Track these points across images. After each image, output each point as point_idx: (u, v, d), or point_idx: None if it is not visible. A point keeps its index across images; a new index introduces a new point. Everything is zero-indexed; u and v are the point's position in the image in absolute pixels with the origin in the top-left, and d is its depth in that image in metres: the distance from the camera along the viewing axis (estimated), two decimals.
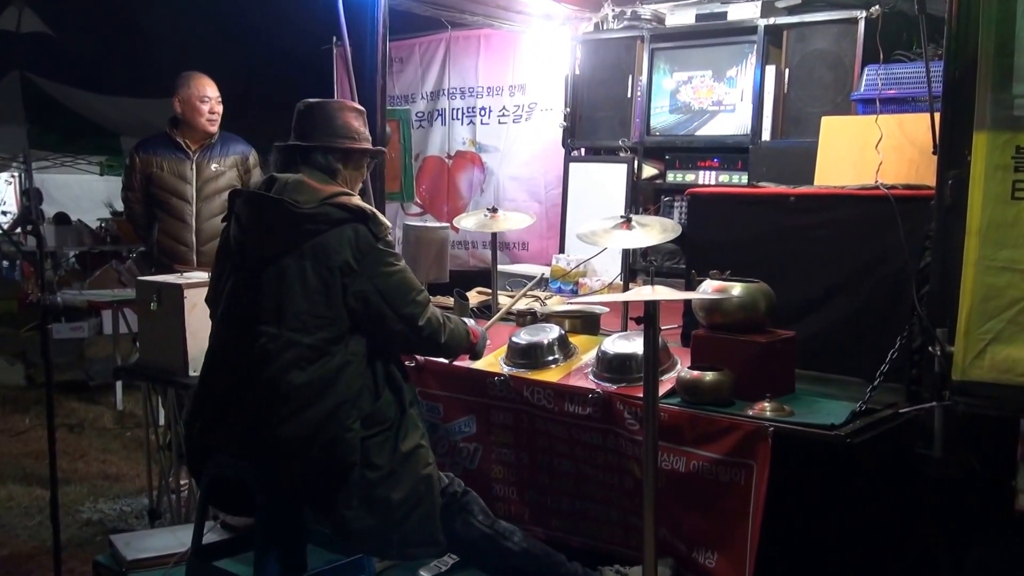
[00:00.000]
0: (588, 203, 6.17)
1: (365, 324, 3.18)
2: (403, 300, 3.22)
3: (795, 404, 3.30)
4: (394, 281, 3.21)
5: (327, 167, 3.35)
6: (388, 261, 3.21)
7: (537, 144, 6.85)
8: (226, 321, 3.28)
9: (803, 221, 3.72)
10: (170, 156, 5.68)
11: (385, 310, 3.18)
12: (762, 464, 3.12)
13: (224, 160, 5.75)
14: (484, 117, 7.15)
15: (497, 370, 3.88)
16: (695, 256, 4.00)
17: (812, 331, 3.62)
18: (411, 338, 3.27)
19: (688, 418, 3.31)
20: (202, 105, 5.64)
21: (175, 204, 5.65)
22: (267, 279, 3.17)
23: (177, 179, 5.65)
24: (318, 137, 3.34)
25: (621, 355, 3.63)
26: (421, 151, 7.49)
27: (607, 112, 6.19)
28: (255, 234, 3.22)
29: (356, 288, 3.14)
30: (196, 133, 5.68)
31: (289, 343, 3.11)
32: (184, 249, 5.67)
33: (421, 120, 7.48)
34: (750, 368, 3.37)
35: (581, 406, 3.60)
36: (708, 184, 5.63)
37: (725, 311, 3.46)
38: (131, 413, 7.49)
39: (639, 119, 6.01)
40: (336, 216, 3.16)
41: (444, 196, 7.39)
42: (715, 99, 5.71)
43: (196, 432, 3.30)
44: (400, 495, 3.20)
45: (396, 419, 3.25)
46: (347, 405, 3.13)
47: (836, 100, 5.09)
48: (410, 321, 3.23)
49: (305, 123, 3.37)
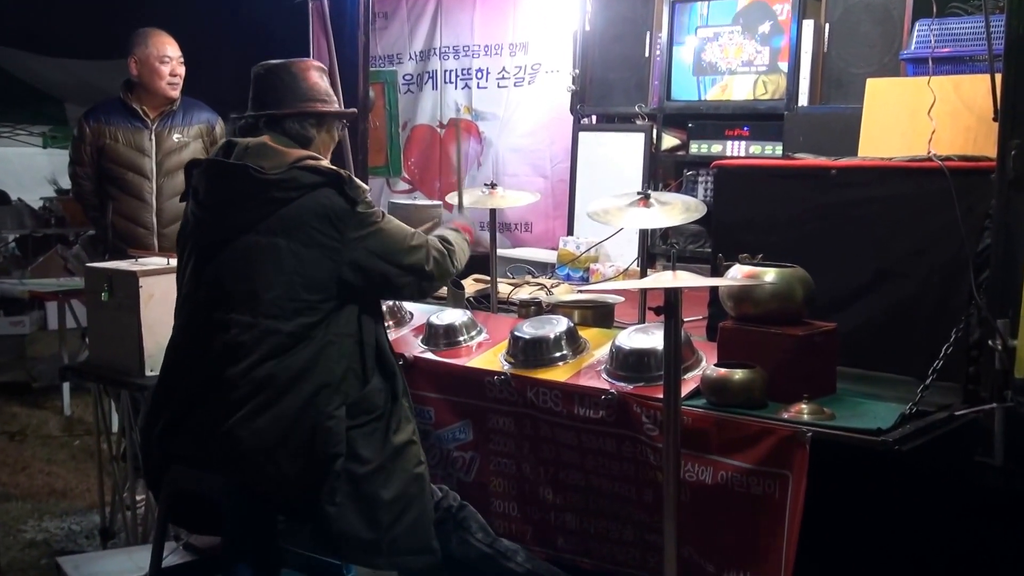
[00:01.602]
0: (600, 178, 6.17)
1: (369, 292, 3.23)
2: (401, 251, 3.28)
3: (836, 406, 3.30)
4: (383, 236, 3.25)
5: (301, 135, 3.36)
6: (369, 220, 3.25)
7: (541, 111, 6.84)
8: (189, 309, 3.29)
9: (845, 197, 3.72)
10: (125, 125, 5.68)
11: (387, 268, 3.24)
12: (799, 474, 3.12)
13: (187, 130, 5.75)
14: (481, 80, 7.14)
15: (496, 368, 3.89)
16: (722, 238, 3.99)
17: (856, 323, 3.62)
18: (423, 286, 3.37)
19: (714, 422, 3.32)
20: (162, 66, 5.64)
21: (132, 180, 5.65)
22: (233, 259, 3.18)
23: (134, 151, 5.65)
24: (289, 103, 3.35)
25: (638, 351, 3.63)
26: (409, 119, 7.48)
27: (622, 74, 6.19)
28: (216, 208, 3.22)
29: (348, 260, 3.17)
30: (155, 99, 5.68)
31: (266, 333, 3.12)
32: (143, 232, 5.67)
33: (409, 84, 7.48)
34: (785, 365, 3.38)
35: (593, 409, 3.61)
36: (737, 156, 5.62)
37: (756, 300, 3.46)
38: (80, 419, 7.50)
39: (658, 82, 6.01)
40: (307, 181, 3.17)
41: (436, 170, 7.39)
42: (745, 59, 5.70)
43: (154, 440, 3.31)
44: (391, 494, 3.22)
45: (386, 408, 3.26)
46: (328, 390, 3.14)
47: (883, 60, 5.08)
48: (417, 270, 3.31)
49: (269, 89, 3.37)
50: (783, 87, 5.51)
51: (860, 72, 5.06)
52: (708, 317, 4.06)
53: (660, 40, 5.99)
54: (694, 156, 5.88)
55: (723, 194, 4.12)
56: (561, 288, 5.09)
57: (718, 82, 5.82)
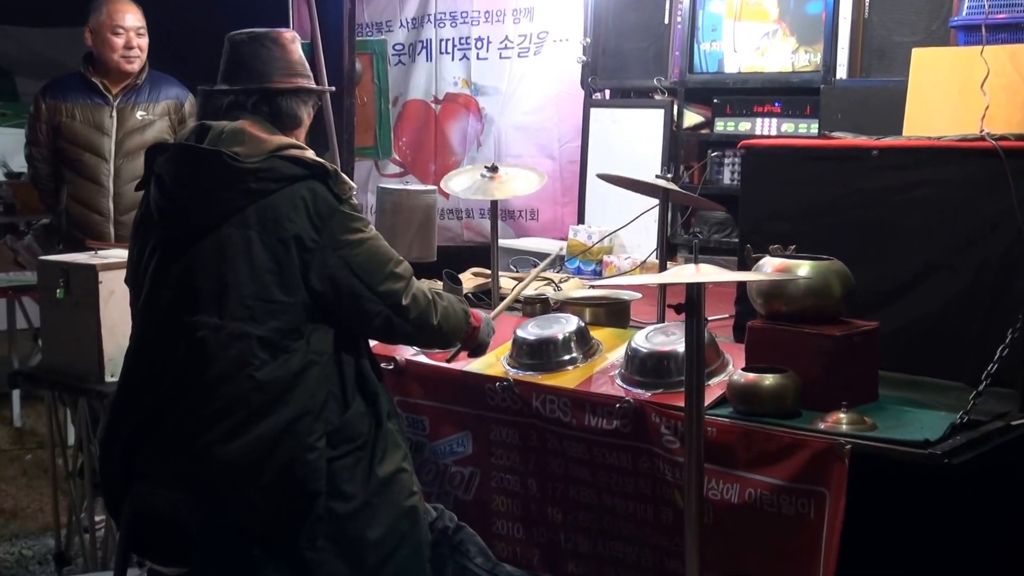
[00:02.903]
0: (614, 160, 6.17)
1: (335, 310, 3.20)
2: (380, 273, 3.23)
3: (878, 415, 3.30)
4: (366, 250, 3.22)
5: (294, 115, 3.37)
6: (354, 227, 3.23)
7: (549, 85, 6.85)
8: (150, 311, 3.29)
9: (888, 182, 3.72)
10: (84, 102, 5.69)
11: (360, 289, 3.19)
12: (837, 491, 3.12)
13: (153, 107, 5.76)
14: (481, 50, 7.15)
15: (499, 373, 3.89)
16: (751, 227, 4.00)
17: (900, 322, 3.62)
18: (395, 322, 3.28)
19: (742, 434, 3.32)
20: (115, 38, 5.64)
21: (88, 162, 5.66)
22: (203, 255, 3.18)
23: (92, 130, 5.66)
24: (280, 77, 3.35)
25: (657, 353, 3.63)
26: (400, 94, 7.49)
27: (638, 43, 6.19)
28: (185, 198, 3.22)
29: (319, 266, 3.15)
30: (115, 73, 5.69)
31: (234, 336, 3.12)
32: (98, 219, 5.68)
33: (400, 54, 7.48)
34: (821, 369, 3.38)
35: (606, 419, 3.61)
36: (767, 135, 5.63)
37: (789, 297, 3.46)
38: (32, 430, 7.51)
39: (679, 52, 6.01)
40: (288, 172, 3.17)
41: (430, 151, 7.40)
42: (775, 26, 5.70)
43: (115, 455, 3.31)
44: (378, 533, 3.22)
45: (370, 435, 3.26)
46: (309, 417, 3.14)
47: (931, 27, 5.09)
48: (391, 300, 3.24)
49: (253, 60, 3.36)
50: (819, 58, 5.52)
51: (905, 41, 5.06)
52: (735, 316, 4.07)
53: (682, 5, 5.99)
54: (719, 135, 5.89)
55: (752, 178, 4.12)
56: (571, 283, 5.09)
57: (747, 52, 5.82)
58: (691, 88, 6.00)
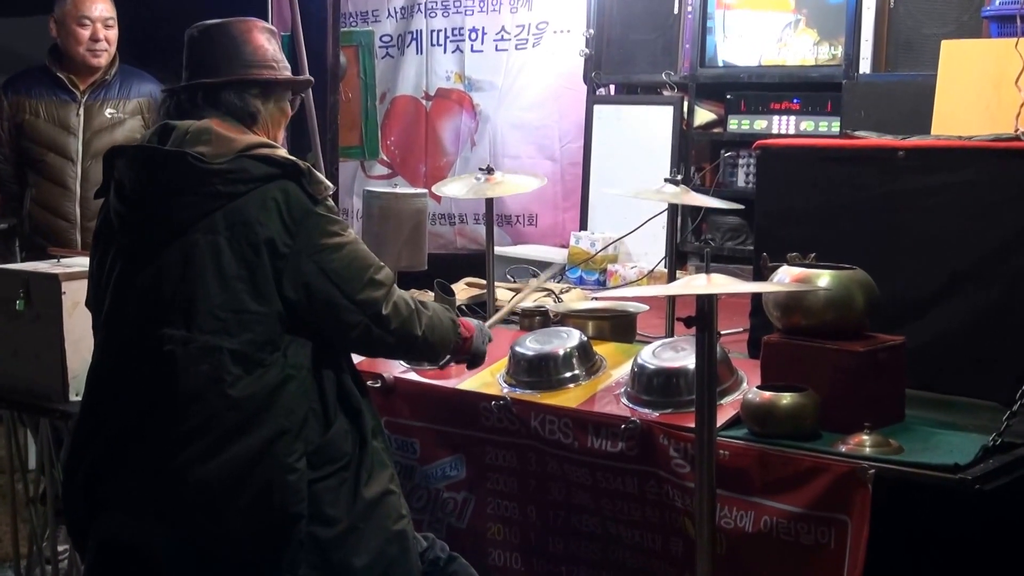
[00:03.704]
0: (619, 161, 6.19)
1: (311, 320, 3.19)
2: (358, 281, 3.22)
3: (904, 437, 3.31)
4: (344, 256, 3.22)
5: (243, 109, 3.36)
6: (331, 230, 3.22)
7: (549, 79, 6.85)
8: (113, 326, 3.29)
9: (916, 185, 3.73)
10: (50, 98, 5.69)
11: (336, 297, 3.19)
12: (859, 519, 3.13)
13: (124, 104, 5.76)
14: (475, 42, 7.15)
15: (495, 391, 3.90)
16: (767, 233, 4.00)
17: (928, 336, 3.63)
18: (374, 334, 3.27)
19: (757, 457, 3.33)
20: (81, 30, 5.64)
21: (53, 163, 5.66)
22: (168, 264, 3.18)
23: (57, 128, 5.66)
24: (227, 70, 3.35)
25: (665, 370, 3.64)
26: (389, 89, 7.49)
27: (646, 35, 6.20)
28: (147, 204, 3.22)
29: (293, 272, 3.15)
30: (81, 67, 5.69)
31: (204, 350, 3.12)
32: (64, 225, 5.68)
33: (388, 46, 7.49)
34: (843, 387, 3.39)
35: (611, 441, 3.61)
36: (785, 134, 5.63)
37: (808, 309, 3.47)
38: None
39: (689, 44, 6.02)
40: (257, 172, 3.17)
41: (421, 152, 7.40)
42: (794, 16, 5.71)
43: (79, 479, 3.31)
44: (364, 560, 3.22)
45: (354, 454, 3.26)
46: (288, 436, 3.14)
47: (961, 18, 5.09)
48: (371, 309, 3.24)
49: (205, 54, 3.38)
50: (841, 51, 5.52)
51: (934, 33, 5.07)
52: (750, 330, 4.07)
53: None
54: (733, 134, 5.90)
55: (768, 180, 4.13)
56: (572, 294, 5.10)
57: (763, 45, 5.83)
58: (703, 83, 6.00)
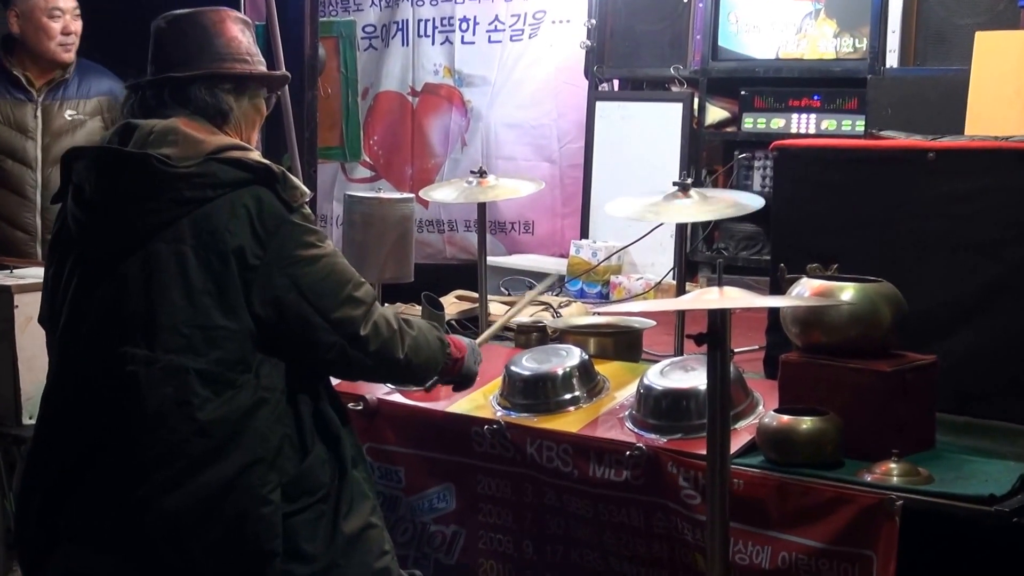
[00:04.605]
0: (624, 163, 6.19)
1: (282, 340, 3.19)
2: (335, 298, 3.22)
3: (935, 465, 3.31)
4: (320, 269, 3.21)
5: (213, 106, 3.36)
6: (306, 240, 3.22)
7: (547, 74, 6.87)
8: (70, 344, 3.29)
9: (948, 189, 3.73)
10: (3, 97, 5.69)
11: (310, 316, 3.18)
12: (886, 556, 3.13)
13: (83, 104, 5.76)
14: (467, 33, 7.16)
15: (488, 414, 3.90)
16: (785, 242, 4.01)
17: (961, 355, 3.63)
18: (351, 356, 3.26)
19: (775, 487, 3.33)
20: (51, 22, 5.64)
21: (12, 170, 5.66)
22: (130, 276, 3.18)
23: (13, 132, 5.66)
24: (197, 63, 3.36)
25: (674, 392, 3.64)
26: (372, 84, 7.51)
27: (653, 25, 6.22)
28: (108, 210, 3.22)
29: (263, 286, 3.15)
30: (42, 63, 5.69)
31: (169, 370, 3.12)
32: (23, 237, 5.68)
33: (371, 37, 7.50)
34: (868, 411, 3.39)
35: (614, 469, 3.61)
36: (805, 134, 5.64)
37: (831, 325, 3.47)
38: None
39: (700, 35, 6.03)
40: (227, 177, 3.16)
41: (407, 152, 7.41)
42: (815, 5, 5.73)
43: (34, 511, 3.31)
44: None
45: (333, 485, 3.27)
46: (262, 465, 3.14)
47: (997, 7, 5.11)
48: (347, 329, 3.23)
49: (173, 46, 3.37)
50: (866, 43, 5.54)
51: (967, 23, 5.08)
52: (766, 348, 4.08)
53: None
54: (748, 134, 5.91)
55: (786, 184, 4.13)
56: (572, 308, 5.10)
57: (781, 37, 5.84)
58: (715, 78, 6.01)
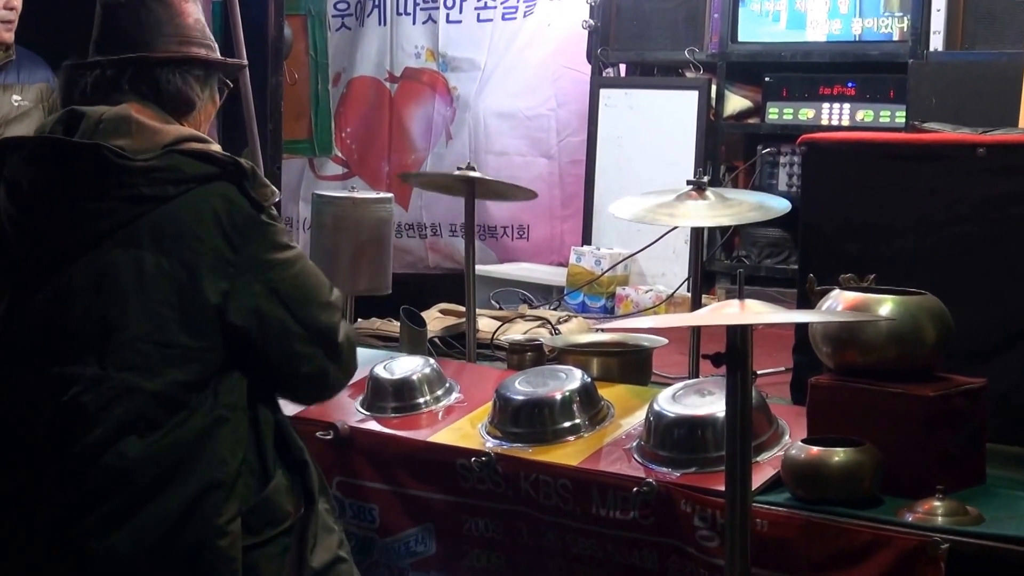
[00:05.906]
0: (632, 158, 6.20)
1: (259, 352, 3.20)
2: (313, 303, 3.22)
3: (985, 503, 3.32)
4: (296, 273, 3.21)
5: (183, 94, 3.37)
6: (280, 242, 3.22)
7: (544, 57, 6.88)
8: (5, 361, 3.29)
9: (999, 189, 3.74)
10: None
11: (290, 324, 3.19)
12: None
13: (26, 90, 5.79)
14: (452, 10, 7.18)
15: (476, 445, 3.90)
16: (814, 249, 4.02)
17: (1015, 378, 3.64)
18: (326, 367, 3.27)
19: (803, 528, 3.34)
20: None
21: None
22: (76, 285, 3.18)
23: None
24: (163, 45, 3.36)
25: (688, 420, 3.65)
26: (344, 69, 7.52)
27: (664, 2, 6.23)
28: (51, 209, 3.22)
29: (241, 295, 3.15)
30: None
31: (120, 392, 3.12)
32: None
33: (344, 15, 7.51)
34: (909, 441, 3.40)
35: (620, 508, 3.62)
36: (837, 126, 5.65)
37: (867, 344, 3.48)
38: None
39: (719, 15, 6.05)
40: (192, 171, 3.16)
41: (383, 145, 7.42)
42: None
43: None
44: None
45: (299, 516, 3.27)
46: (220, 492, 3.14)
47: None
48: (326, 338, 3.23)
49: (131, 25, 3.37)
50: (907, 24, 5.55)
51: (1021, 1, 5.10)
52: (793, 369, 4.08)
53: None
54: (772, 126, 5.92)
55: (816, 184, 4.14)
56: (573, 324, 5.11)
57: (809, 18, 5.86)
58: (735, 62, 6.03)
